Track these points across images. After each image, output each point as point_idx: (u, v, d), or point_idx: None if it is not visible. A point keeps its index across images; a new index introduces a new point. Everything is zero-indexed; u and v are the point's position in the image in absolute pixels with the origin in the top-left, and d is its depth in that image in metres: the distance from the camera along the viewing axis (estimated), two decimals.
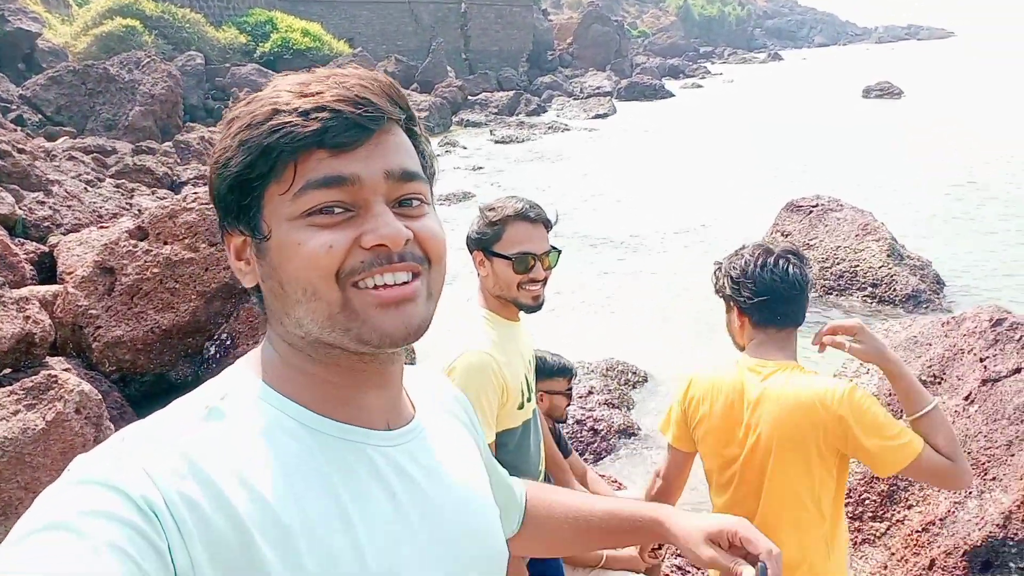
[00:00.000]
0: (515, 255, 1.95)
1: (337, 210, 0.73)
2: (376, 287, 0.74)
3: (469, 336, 1.91)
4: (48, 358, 4.74)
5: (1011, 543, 3.16)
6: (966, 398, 3.74)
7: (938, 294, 7.04)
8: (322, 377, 0.78)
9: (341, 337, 0.74)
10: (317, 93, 0.73)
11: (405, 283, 0.75)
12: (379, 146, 0.74)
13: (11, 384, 3.47)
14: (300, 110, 0.71)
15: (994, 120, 19.90)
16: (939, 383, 3.98)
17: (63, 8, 27.22)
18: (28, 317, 4.47)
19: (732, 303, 2.00)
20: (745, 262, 1.94)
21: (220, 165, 0.75)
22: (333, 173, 0.72)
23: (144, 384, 5.16)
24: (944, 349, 4.13)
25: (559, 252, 2.04)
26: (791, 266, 1.90)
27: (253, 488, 0.68)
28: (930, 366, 4.09)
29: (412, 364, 2.01)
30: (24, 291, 4.88)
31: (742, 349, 2.02)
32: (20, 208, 7.13)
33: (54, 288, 5.57)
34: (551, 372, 2.80)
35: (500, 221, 1.97)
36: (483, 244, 1.99)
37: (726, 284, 1.99)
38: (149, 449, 0.66)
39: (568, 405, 2.92)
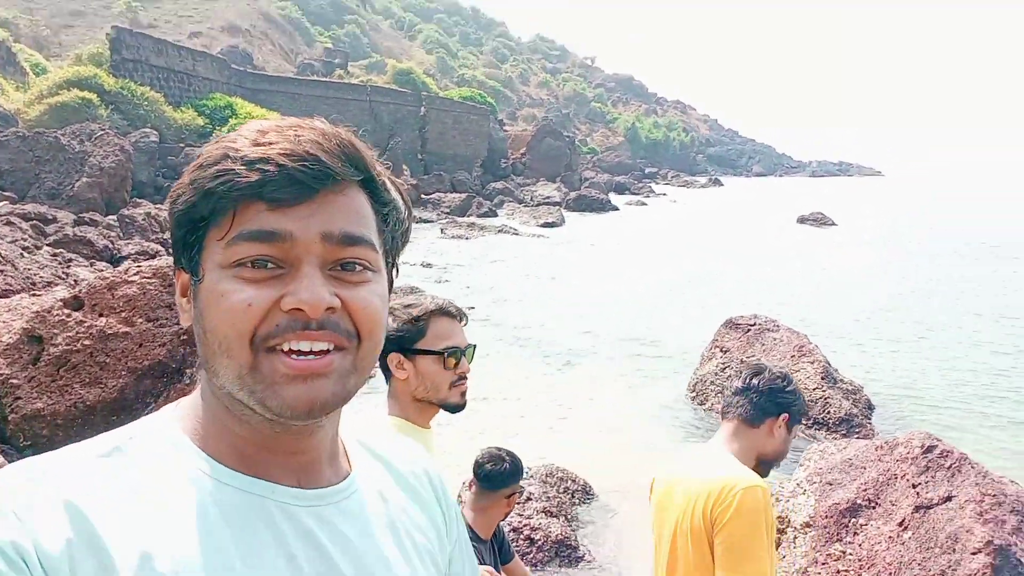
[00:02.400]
0: (445, 349, 1.86)
1: (269, 265, 0.70)
2: (290, 352, 0.70)
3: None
4: None
5: None
6: (900, 524, 3.79)
7: (869, 418, 7.23)
8: (234, 430, 0.75)
9: (247, 397, 0.71)
10: (269, 144, 0.70)
11: (323, 352, 0.71)
12: (323, 206, 0.71)
13: None
14: (246, 159, 0.69)
15: (919, 249, 21.15)
16: (874, 507, 4.03)
17: (19, 75, 27.08)
18: None
19: (788, 411, 2.15)
20: (783, 378, 2.20)
21: (172, 199, 0.74)
22: (266, 227, 0.69)
23: None
24: (878, 474, 4.21)
25: (474, 347, 1.96)
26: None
27: (133, 533, 0.65)
28: (865, 490, 4.15)
29: None
30: None
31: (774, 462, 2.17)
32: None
33: None
34: (515, 473, 2.67)
35: (424, 317, 1.86)
36: (403, 343, 1.85)
37: (785, 399, 2.17)
38: (26, 490, 0.63)
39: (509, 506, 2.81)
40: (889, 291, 15.04)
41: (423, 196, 29.74)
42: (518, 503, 5.05)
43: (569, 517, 5.21)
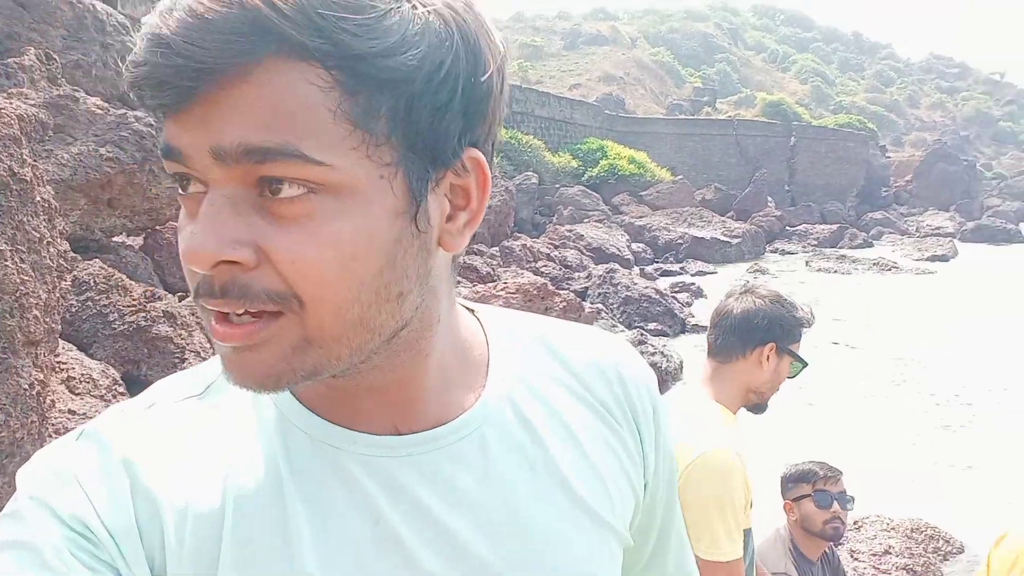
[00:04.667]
0: (802, 360, 1.86)
1: (190, 189, 0.50)
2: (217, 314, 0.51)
3: (705, 431, 1.71)
4: None
5: None
6: None
7: None
8: None
9: None
10: (157, 25, 0.45)
11: (245, 315, 0.50)
12: (215, 106, 0.46)
13: None
14: (133, 52, 0.47)
15: None
16: None
17: None
18: None
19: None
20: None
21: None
22: (166, 141, 0.49)
23: None
24: None
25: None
26: None
27: (203, 497, 0.55)
28: None
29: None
30: None
31: None
32: None
33: None
34: (796, 477, 2.64)
35: (806, 322, 1.88)
36: (787, 339, 1.84)
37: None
38: (96, 452, 0.55)
39: (830, 521, 2.53)
40: None
41: (787, 227, 28.37)
42: (875, 555, 4.54)
43: None
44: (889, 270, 20.85)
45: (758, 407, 1.87)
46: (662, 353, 9.66)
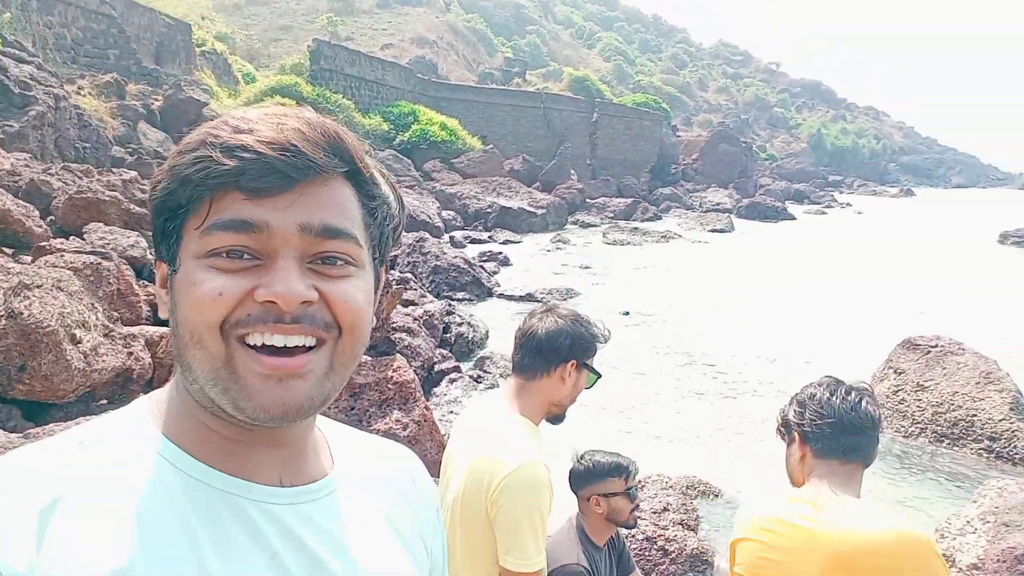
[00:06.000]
0: (598, 372, 1.98)
1: (245, 256, 0.67)
2: (263, 347, 0.67)
3: (515, 446, 1.77)
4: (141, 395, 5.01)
5: None
6: None
7: None
8: (209, 425, 0.72)
9: (220, 397, 0.68)
10: (250, 131, 0.67)
11: (298, 349, 0.68)
12: (303, 197, 0.68)
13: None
14: (225, 145, 0.66)
15: None
16: None
17: (232, 84, 30.11)
18: (131, 354, 4.76)
19: (795, 431, 1.87)
20: (815, 388, 1.86)
21: (152, 186, 0.72)
22: (241, 217, 0.67)
23: None
24: None
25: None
26: (864, 399, 1.80)
27: (105, 538, 0.62)
28: None
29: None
30: (135, 329, 5.21)
31: (800, 486, 1.85)
32: (150, 253, 7.74)
33: (163, 330, 5.95)
34: (605, 472, 2.64)
35: (602, 338, 1.99)
36: (584, 355, 1.94)
37: (791, 410, 1.89)
38: None
39: (634, 510, 2.69)
40: None
41: (588, 200, 29.82)
42: (655, 512, 4.96)
43: (707, 531, 5.04)
44: (673, 240, 22.68)
45: (558, 418, 1.97)
46: (469, 324, 9.87)
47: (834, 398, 1.79)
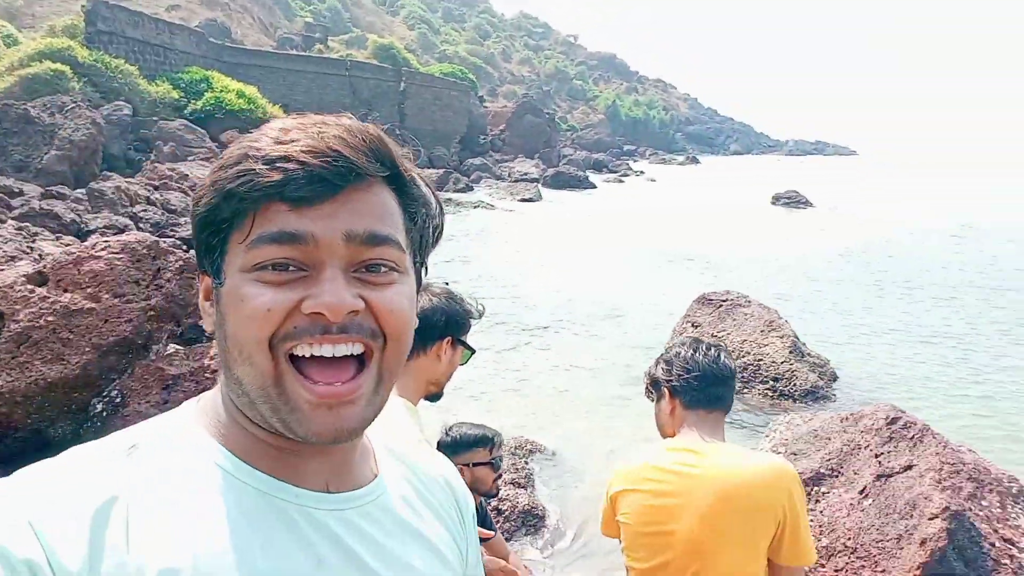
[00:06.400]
0: (471, 348, 1.99)
1: (291, 268, 0.67)
2: (311, 359, 0.68)
3: (395, 429, 1.70)
4: None
5: None
6: (861, 492, 3.85)
7: (834, 391, 7.34)
8: (257, 436, 0.72)
9: (270, 414, 0.69)
10: (292, 141, 0.68)
11: (346, 360, 0.69)
12: (346, 204, 0.68)
13: None
14: (267, 157, 0.67)
15: (893, 227, 21.37)
16: (837, 476, 4.10)
17: None
18: None
19: (664, 387, 2.04)
20: (679, 348, 2.05)
21: (195, 202, 0.72)
22: (287, 229, 0.67)
23: (17, 440, 4.79)
24: (843, 444, 4.27)
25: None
26: (721, 354, 2.02)
27: (155, 539, 0.62)
28: (829, 459, 4.21)
29: None
30: None
31: (671, 437, 2.01)
32: None
33: None
34: (470, 443, 2.72)
35: (476, 314, 2.01)
36: (459, 331, 1.95)
37: (659, 369, 2.05)
38: (42, 496, 0.61)
39: (497, 479, 2.77)
40: (860, 270, 15.19)
41: None
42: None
43: (536, 488, 5.25)
44: (485, 210, 23.11)
45: (436, 396, 1.96)
46: None
47: (697, 354, 1.99)
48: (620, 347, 9.03)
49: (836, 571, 3.69)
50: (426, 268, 0.81)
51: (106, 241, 5.51)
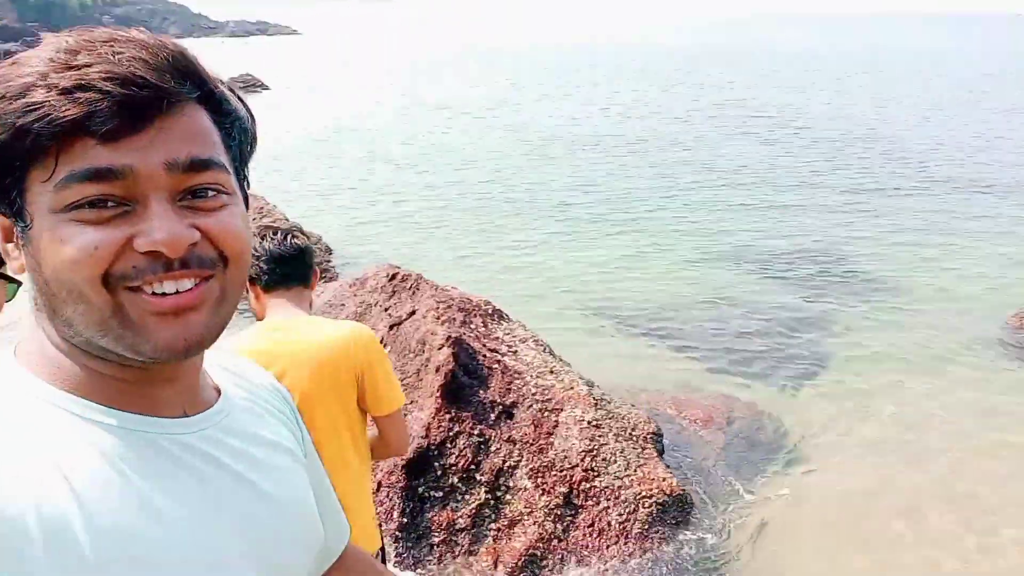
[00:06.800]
0: (17, 281, 1.78)
1: (110, 203, 0.62)
2: (154, 294, 0.64)
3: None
4: None
5: (432, 448, 3.91)
6: (380, 342, 4.42)
7: (330, 262, 8.00)
8: (103, 372, 0.68)
9: (114, 344, 0.65)
10: (84, 66, 0.60)
11: (189, 290, 0.66)
12: (161, 131, 0.63)
13: None
14: (60, 87, 0.59)
15: (359, 102, 22.87)
16: None
17: None
18: None
19: (249, 281, 2.15)
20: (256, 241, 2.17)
21: None
22: (100, 165, 0.60)
23: None
24: (356, 306, 4.77)
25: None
26: (289, 236, 2.19)
27: (38, 498, 0.58)
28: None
29: None
30: None
31: (263, 319, 2.18)
32: None
33: None
34: None
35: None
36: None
37: None
38: None
39: None
40: (353, 152, 16.12)
41: None
42: None
43: None
44: None
45: None
46: None
47: (264, 241, 2.14)
48: None
49: None
50: (248, 182, 0.77)
51: None
